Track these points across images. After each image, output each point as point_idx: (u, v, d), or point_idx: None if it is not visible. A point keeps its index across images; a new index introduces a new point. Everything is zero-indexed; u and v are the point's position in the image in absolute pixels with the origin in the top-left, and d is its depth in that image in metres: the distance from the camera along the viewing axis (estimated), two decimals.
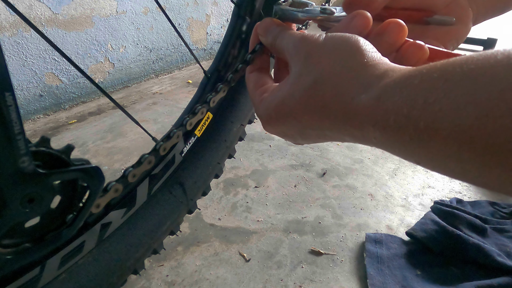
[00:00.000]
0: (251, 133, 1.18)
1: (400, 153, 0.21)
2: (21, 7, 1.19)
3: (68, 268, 0.39)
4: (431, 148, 0.18)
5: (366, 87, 0.21)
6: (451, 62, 0.18)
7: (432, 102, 0.18)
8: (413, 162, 0.21)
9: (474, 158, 0.16)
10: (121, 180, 0.36)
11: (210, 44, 2.06)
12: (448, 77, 0.18)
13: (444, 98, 0.17)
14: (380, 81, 0.21)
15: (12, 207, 0.26)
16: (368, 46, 0.24)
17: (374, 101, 0.21)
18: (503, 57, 0.16)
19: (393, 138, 0.20)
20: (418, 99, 0.18)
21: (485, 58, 0.17)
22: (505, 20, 2.73)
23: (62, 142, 1.17)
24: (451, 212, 0.75)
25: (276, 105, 0.27)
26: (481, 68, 0.16)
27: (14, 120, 0.23)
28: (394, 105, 0.19)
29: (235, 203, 0.87)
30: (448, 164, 0.18)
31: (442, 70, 0.18)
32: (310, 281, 0.66)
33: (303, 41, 0.26)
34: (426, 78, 0.18)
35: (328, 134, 0.25)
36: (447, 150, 0.17)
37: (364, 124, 0.21)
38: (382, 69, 0.22)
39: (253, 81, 0.32)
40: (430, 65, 0.19)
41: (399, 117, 0.19)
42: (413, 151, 0.19)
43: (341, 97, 0.23)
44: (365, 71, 0.22)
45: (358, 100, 0.22)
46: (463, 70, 0.17)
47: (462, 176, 0.18)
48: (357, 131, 0.22)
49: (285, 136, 0.29)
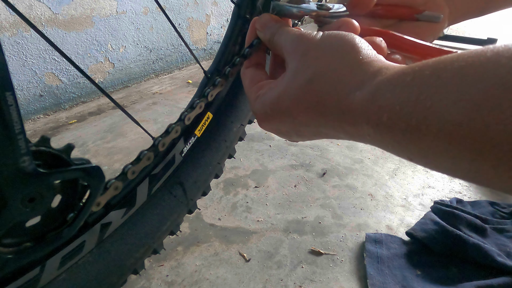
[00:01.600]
0: (251, 133, 1.18)
1: (393, 150, 0.21)
2: (21, 7, 1.19)
3: (68, 268, 0.39)
4: (423, 145, 0.18)
5: (361, 85, 0.22)
6: (442, 60, 0.18)
7: (424, 98, 0.18)
8: (406, 158, 0.21)
9: (464, 153, 0.17)
10: (120, 178, 0.36)
11: (210, 44, 2.06)
12: (439, 74, 0.18)
13: (435, 95, 0.17)
14: (374, 79, 0.21)
15: (13, 206, 0.26)
16: (364, 44, 0.24)
17: (368, 98, 0.21)
18: (492, 54, 0.16)
19: (386, 135, 0.20)
20: (410, 96, 0.19)
21: (475, 55, 0.17)
22: (505, 20, 2.73)
23: (62, 142, 1.17)
24: (451, 212, 0.75)
25: (271, 101, 0.27)
26: (471, 65, 0.17)
27: (14, 119, 0.23)
28: (387, 102, 0.20)
29: (235, 203, 0.87)
30: (440, 160, 0.18)
31: (434, 68, 0.18)
32: (310, 281, 0.66)
33: (300, 38, 0.27)
34: (418, 76, 0.19)
35: (323, 131, 0.25)
36: (438, 146, 0.18)
37: (358, 121, 0.22)
38: (376, 66, 0.22)
39: (249, 77, 0.32)
40: (423, 62, 0.19)
41: (392, 114, 0.19)
42: (406, 147, 0.20)
43: (336, 94, 0.23)
44: (360, 69, 0.22)
45: (352, 97, 0.22)
46: (453, 67, 0.17)
47: (454, 171, 0.19)
48: (352, 128, 0.23)
49: (280, 133, 0.29)
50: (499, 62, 0.16)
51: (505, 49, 0.16)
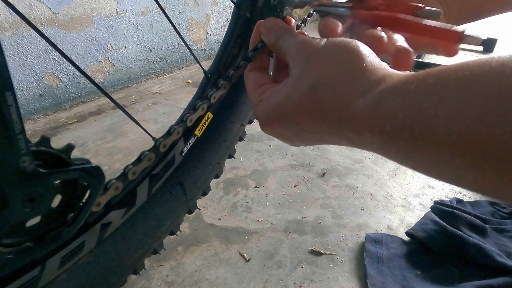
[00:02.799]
0: (251, 133, 1.18)
1: (396, 158, 0.21)
2: (21, 7, 1.19)
3: (68, 268, 0.39)
4: (426, 153, 0.18)
5: (364, 92, 0.22)
6: (446, 69, 0.18)
7: (427, 107, 0.18)
8: (408, 167, 0.21)
9: (468, 163, 0.16)
10: (121, 178, 0.36)
11: (210, 44, 2.06)
12: (443, 83, 0.18)
13: (439, 104, 0.17)
14: (377, 86, 0.21)
15: (13, 206, 0.26)
16: (368, 52, 0.24)
17: (371, 106, 0.21)
18: (497, 64, 0.16)
19: (389, 143, 0.20)
20: (413, 104, 0.18)
21: (480, 65, 0.17)
22: (505, 20, 2.73)
23: (62, 142, 1.17)
24: (451, 212, 0.75)
25: (274, 106, 0.27)
26: (476, 75, 0.17)
27: (15, 119, 0.23)
28: (390, 110, 0.20)
29: (235, 203, 0.87)
30: (443, 169, 0.18)
31: (438, 77, 0.18)
32: (310, 281, 0.66)
33: (304, 44, 0.27)
34: (422, 84, 0.19)
35: (325, 137, 0.25)
36: (441, 155, 0.18)
37: (361, 128, 0.22)
38: (380, 74, 0.22)
39: (252, 80, 0.32)
40: (426, 71, 0.19)
41: (395, 122, 0.19)
42: (409, 156, 0.20)
43: (339, 101, 0.23)
44: (363, 76, 0.22)
45: (355, 105, 0.22)
46: (458, 76, 0.17)
47: (457, 181, 0.18)
48: (354, 135, 0.23)
49: (282, 137, 0.29)
50: (504, 72, 0.15)
51: (510, 59, 0.16)
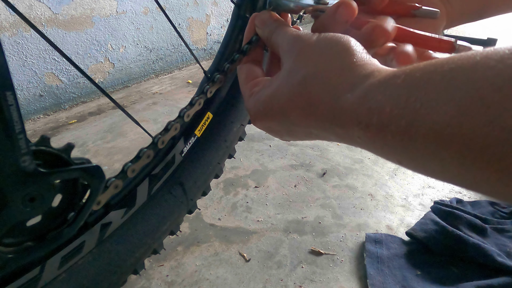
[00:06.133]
0: (251, 133, 1.18)
1: (383, 153, 0.21)
2: (21, 7, 1.19)
3: (68, 268, 0.39)
4: (412, 147, 0.18)
5: (352, 87, 0.22)
6: (433, 63, 0.18)
7: (413, 101, 0.18)
8: (395, 162, 0.21)
9: (452, 156, 0.17)
10: (120, 176, 0.36)
11: (210, 44, 2.06)
12: (429, 76, 0.18)
13: (425, 97, 0.17)
14: (366, 81, 0.21)
15: (14, 206, 0.26)
16: (359, 47, 0.24)
17: (359, 100, 0.21)
18: (481, 57, 0.16)
19: (376, 137, 0.20)
20: (400, 98, 0.19)
21: (465, 58, 0.17)
22: (505, 20, 2.73)
23: (62, 142, 1.17)
24: (451, 212, 0.75)
25: (265, 100, 0.27)
26: (460, 67, 0.17)
27: (15, 119, 0.23)
28: (377, 104, 0.20)
29: (235, 203, 0.87)
30: (429, 164, 0.18)
31: (424, 70, 0.18)
32: (310, 281, 0.66)
33: (297, 38, 0.27)
34: (409, 78, 0.19)
35: (314, 132, 0.25)
36: (427, 148, 0.18)
37: (349, 123, 0.22)
38: (369, 69, 0.22)
39: (245, 73, 0.32)
40: (414, 65, 0.19)
41: (381, 116, 0.19)
42: (395, 150, 0.20)
43: (327, 95, 0.23)
44: (353, 71, 0.22)
45: (344, 99, 0.22)
46: (443, 69, 0.17)
47: (442, 175, 0.18)
48: (342, 130, 0.23)
49: (272, 131, 0.29)
50: (488, 65, 0.15)
51: (494, 52, 0.16)
